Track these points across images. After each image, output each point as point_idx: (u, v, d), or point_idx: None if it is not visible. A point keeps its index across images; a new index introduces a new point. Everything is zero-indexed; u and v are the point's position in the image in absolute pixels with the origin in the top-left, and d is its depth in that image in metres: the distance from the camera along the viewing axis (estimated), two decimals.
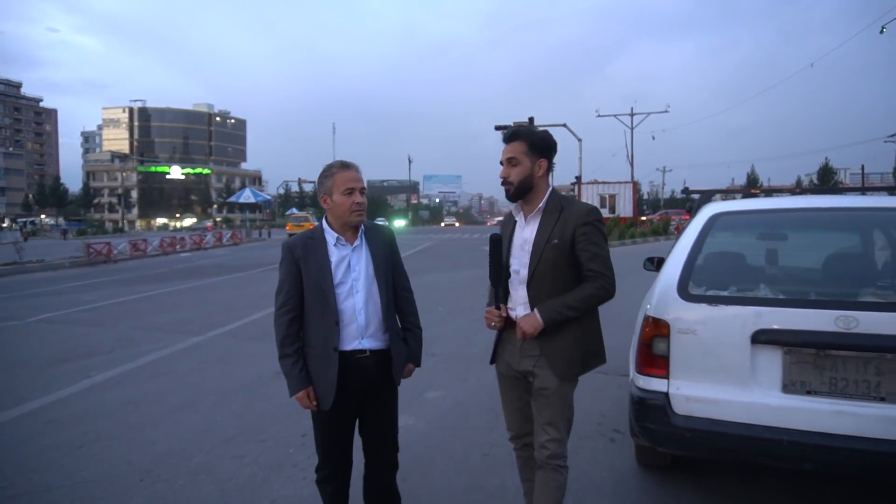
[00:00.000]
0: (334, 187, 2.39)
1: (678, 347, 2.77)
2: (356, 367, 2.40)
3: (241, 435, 4.27)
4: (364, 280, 2.43)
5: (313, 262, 2.40)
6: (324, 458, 2.54)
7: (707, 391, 2.71)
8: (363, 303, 2.42)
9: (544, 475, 2.41)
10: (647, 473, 3.55)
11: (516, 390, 2.59)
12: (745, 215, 3.20)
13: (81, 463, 3.83)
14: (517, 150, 2.44)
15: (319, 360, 2.40)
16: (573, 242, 2.37)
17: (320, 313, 2.39)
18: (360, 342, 2.41)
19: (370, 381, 2.45)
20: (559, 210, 2.43)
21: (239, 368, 6.21)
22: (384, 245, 2.52)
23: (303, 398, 2.41)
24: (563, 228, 2.39)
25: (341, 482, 2.58)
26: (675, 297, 2.80)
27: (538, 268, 2.40)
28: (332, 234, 2.45)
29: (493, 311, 2.50)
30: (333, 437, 2.51)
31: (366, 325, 2.42)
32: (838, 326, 2.50)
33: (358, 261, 2.44)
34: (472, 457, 3.85)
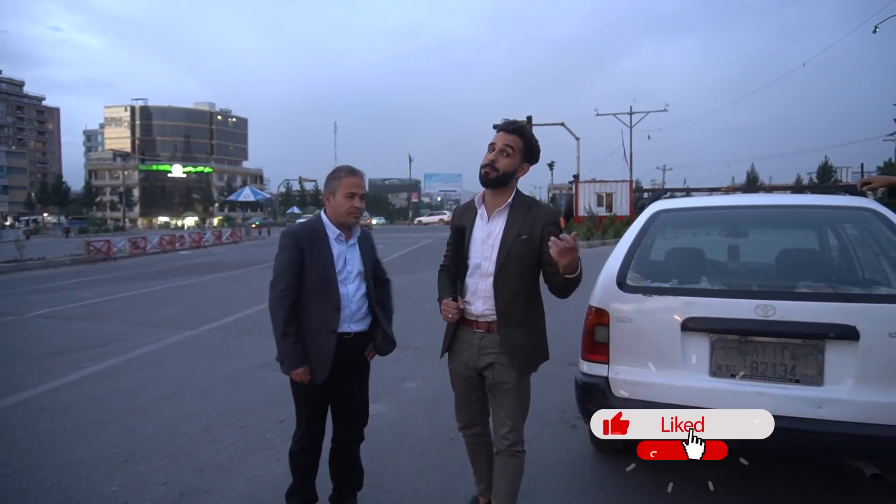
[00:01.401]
0: (339, 189, 2.74)
1: (617, 335, 3.00)
2: (344, 346, 2.76)
3: (223, 421, 4.51)
4: (356, 273, 2.82)
5: (318, 253, 2.74)
6: (304, 427, 2.86)
7: (643, 375, 2.94)
8: (353, 292, 2.79)
9: (504, 460, 2.59)
10: (602, 457, 3.77)
11: (469, 387, 2.68)
12: (684, 212, 3.43)
13: (71, 445, 4.06)
14: (515, 143, 2.48)
15: (316, 340, 2.73)
16: (541, 239, 2.44)
17: (321, 299, 2.73)
18: (349, 326, 2.78)
19: (351, 357, 2.81)
20: (527, 207, 2.52)
21: (227, 361, 6.44)
22: (367, 245, 2.91)
23: (302, 373, 2.73)
24: (532, 225, 2.46)
25: (313, 453, 2.91)
26: (614, 289, 3.03)
27: (506, 262, 2.46)
28: (333, 229, 2.79)
29: (451, 303, 2.53)
30: (318, 409, 2.86)
31: (355, 312, 2.79)
32: (758, 314, 2.72)
33: (352, 256, 2.83)
34: (439, 441, 4.07)
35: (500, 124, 2.59)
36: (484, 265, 2.52)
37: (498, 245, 2.50)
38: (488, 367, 2.57)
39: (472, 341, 2.59)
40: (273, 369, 5.96)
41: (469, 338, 2.60)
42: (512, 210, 2.53)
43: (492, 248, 2.51)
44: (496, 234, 2.52)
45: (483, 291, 2.52)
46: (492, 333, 2.55)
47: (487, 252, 2.52)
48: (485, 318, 2.55)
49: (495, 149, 2.50)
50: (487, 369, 2.58)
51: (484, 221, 2.56)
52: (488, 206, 2.57)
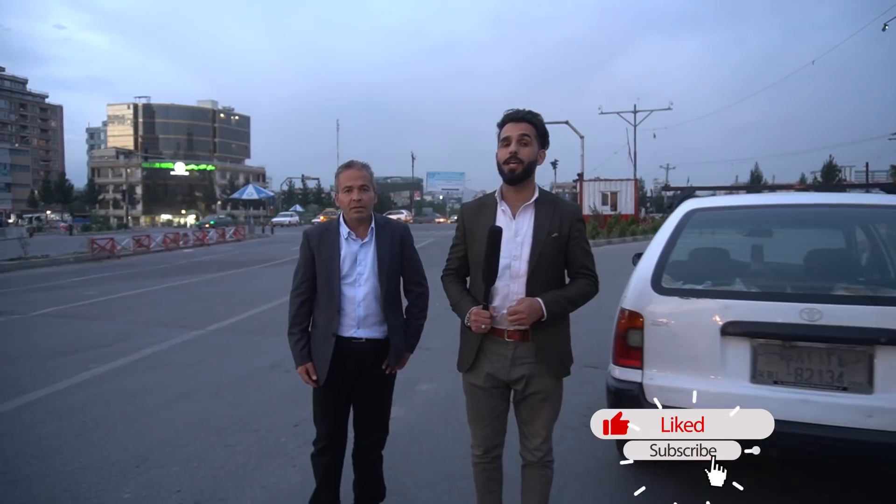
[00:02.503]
0: (338, 186, 2.62)
1: (652, 339, 2.87)
2: (351, 351, 2.62)
3: (235, 425, 4.39)
4: (367, 275, 2.63)
5: (325, 252, 2.62)
6: (319, 429, 2.76)
7: (679, 381, 2.81)
8: (363, 296, 2.62)
9: (535, 472, 2.47)
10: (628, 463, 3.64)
11: (493, 401, 2.47)
12: (720, 211, 3.30)
13: (79, 450, 3.95)
14: (529, 130, 2.33)
15: (320, 341, 2.64)
16: (569, 237, 2.35)
17: (327, 300, 2.62)
18: (357, 331, 2.63)
19: (363, 364, 2.66)
20: (553, 203, 2.39)
21: (235, 361, 6.33)
22: (393, 241, 2.68)
23: (302, 372, 2.67)
24: (560, 222, 2.34)
25: (334, 456, 2.79)
26: (648, 291, 2.90)
27: (539, 261, 2.31)
28: (346, 228, 2.65)
29: (483, 312, 2.30)
30: (328, 412, 2.74)
31: (363, 317, 2.63)
32: (803, 318, 2.59)
33: (365, 256, 2.64)
34: (459, 446, 3.94)
35: (506, 115, 2.39)
36: (514, 266, 2.35)
37: (529, 243, 2.34)
38: (522, 378, 2.41)
39: (502, 352, 2.39)
40: (284, 371, 5.86)
41: (499, 348, 2.40)
42: (539, 206, 2.38)
43: (521, 246, 2.35)
44: (525, 232, 2.36)
45: (515, 295, 2.35)
46: (527, 342, 2.37)
47: (517, 251, 2.34)
48: (518, 327, 2.36)
49: (511, 141, 2.32)
50: (521, 380, 2.41)
51: (508, 218, 2.37)
52: (511, 202, 2.39)
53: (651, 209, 68.49)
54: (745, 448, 2.82)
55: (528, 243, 2.34)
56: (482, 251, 2.34)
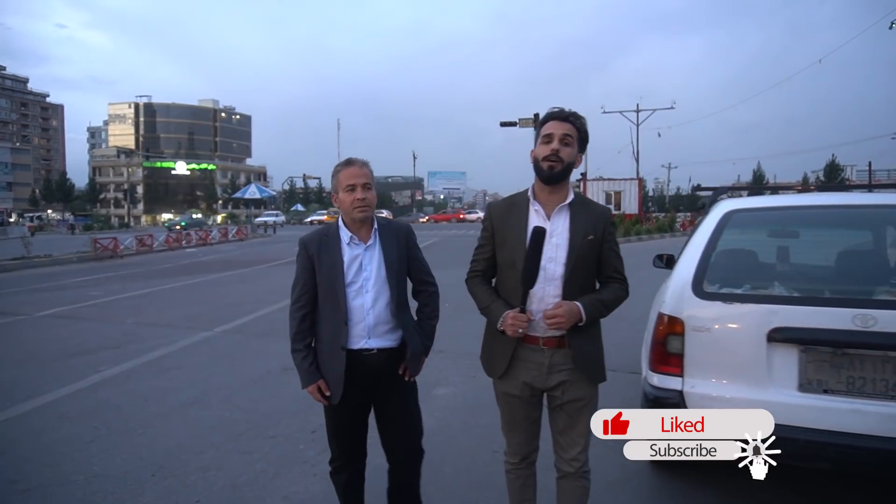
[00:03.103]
0: (339, 185, 2.42)
1: (693, 345, 2.76)
2: (362, 364, 2.42)
3: (251, 431, 4.28)
4: (374, 280, 2.43)
5: (327, 259, 2.42)
6: (335, 448, 2.60)
7: (722, 389, 2.70)
8: (372, 303, 2.42)
9: (572, 484, 2.38)
10: (660, 471, 3.54)
11: (528, 410, 2.41)
12: (760, 212, 3.18)
13: (93, 457, 3.84)
14: (572, 132, 2.26)
15: (328, 357, 2.45)
16: (603, 239, 2.29)
17: (331, 311, 2.43)
18: (367, 341, 2.43)
19: (376, 376, 2.48)
20: (585, 205, 2.34)
21: (246, 364, 6.22)
22: (399, 243, 2.51)
23: (313, 392, 2.47)
24: (595, 224, 2.28)
25: (354, 474, 2.62)
26: (689, 295, 2.79)
27: (576, 264, 2.24)
28: (346, 232, 2.46)
29: (521, 316, 2.22)
30: (343, 429, 2.56)
31: (374, 325, 2.43)
32: (856, 325, 2.48)
33: (370, 260, 2.45)
34: (483, 454, 3.84)
35: (550, 113, 2.31)
36: (550, 268, 2.26)
37: (566, 245, 2.26)
38: (559, 386, 2.32)
39: (538, 359, 2.31)
40: (296, 374, 5.73)
41: (534, 356, 2.31)
42: (573, 208, 2.30)
43: (556, 247, 2.27)
44: (560, 233, 2.28)
45: (551, 299, 2.26)
46: (563, 349, 2.29)
47: (552, 253, 2.26)
48: (554, 333, 2.27)
49: (553, 139, 2.24)
50: (558, 388, 2.33)
51: (542, 219, 2.29)
52: (544, 203, 2.31)
53: (653, 208, 68.32)
54: (790, 461, 2.73)
55: (565, 245, 2.27)
56: (514, 252, 2.29)
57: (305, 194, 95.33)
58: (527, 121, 34.54)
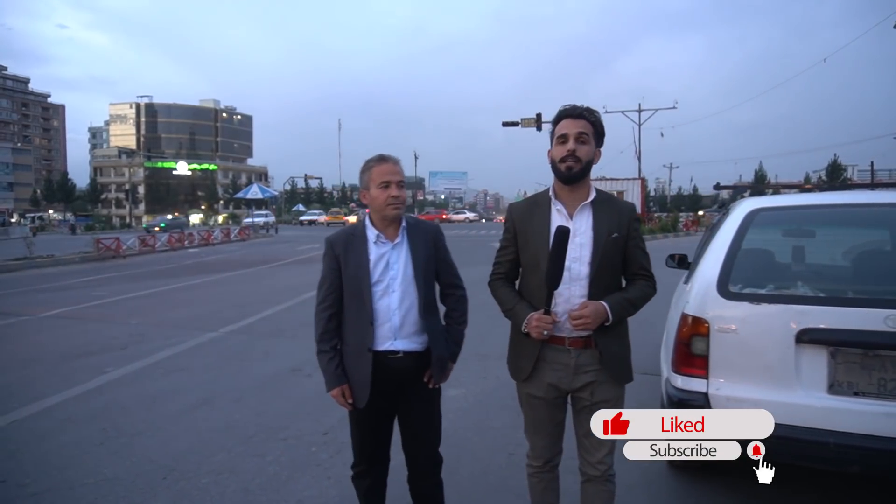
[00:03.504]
0: (371, 181, 2.36)
1: (718, 347, 2.70)
2: (388, 367, 2.36)
3: (262, 433, 4.22)
4: (401, 280, 2.37)
5: (353, 258, 2.37)
6: (358, 453, 2.54)
7: (748, 391, 2.65)
8: (398, 303, 2.36)
9: (597, 487, 2.33)
10: (679, 474, 3.48)
11: (553, 412, 2.37)
12: (783, 211, 3.11)
13: (102, 460, 3.79)
14: (588, 128, 2.21)
15: (354, 359, 2.39)
16: (627, 237, 2.25)
17: (356, 311, 2.37)
18: (393, 343, 2.36)
19: (402, 381, 2.41)
20: (608, 202, 2.29)
21: (254, 365, 6.17)
22: (427, 243, 2.44)
23: (338, 395, 2.41)
24: (619, 222, 2.23)
25: (376, 479, 2.56)
26: (714, 296, 2.73)
27: (601, 263, 2.20)
28: (373, 230, 2.40)
29: (546, 318, 2.18)
30: (366, 434, 2.50)
31: (399, 326, 2.37)
32: (888, 326, 2.42)
33: (397, 259, 2.38)
34: (498, 456, 3.79)
35: (563, 112, 2.27)
36: (575, 268, 2.22)
37: (590, 244, 2.23)
38: (586, 387, 2.28)
39: (564, 360, 2.27)
40: (305, 375, 5.70)
41: (559, 356, 2.28)
42: (596, 205, 2.26)
43: (580, 247, 2.23)
44: (584, 232, 2.24)
45: (576, 299, 2.22)
46: (589, 349, 2.25)
47: (576, 252, 2.22)
48: (581, 333, 2.23)
49: (568, 139, 2.20)
50: (584, 389, 2.29)
51: (564, 218, 2.26)
52: (566, 202, 2.27)
53: (654, 208, 68.20)
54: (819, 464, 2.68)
55: (589, 245, 2.23)
56: (538, 253, 2.26)
57: (307, 194, 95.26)
58: (529, 121, 34.45)
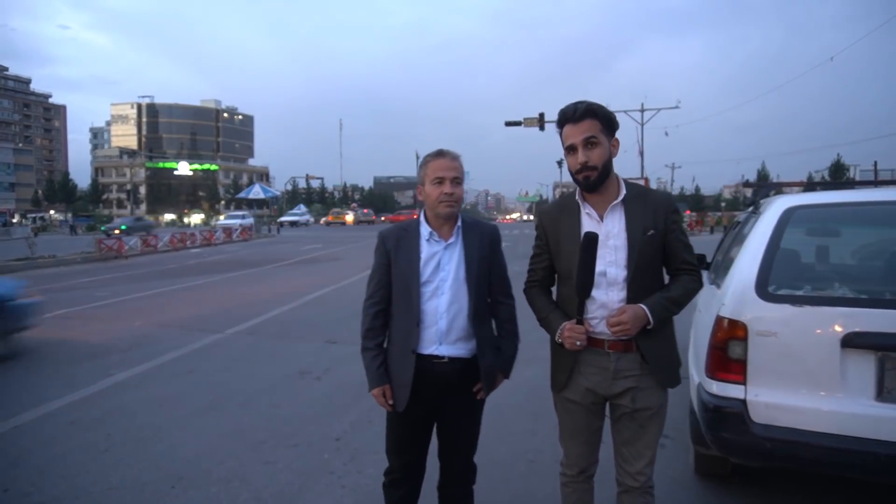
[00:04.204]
0: (426, 177, 2.27)
1: (757, 351, 2.56)
2: (431, 372, 2.25)
3: (272, 439, 4.09)
4: (452, 282, 2.25)
5: (403, 254, 2.27)
6: (394, 459, 2.42)
7: (790, 398, 2.51)
8: (447, 306, 2.24)
9: (636, 499, 2.21)
10: (706, 482, 3.36)
11: (590, 419, 2.26)
12: (822, 209, 2.96)
13: (108, 467, 3.66)
14: (595, 129, 2.07)
15: (397, 360, 2.29)
16: (665, 231, 2.12)
17: (404, 310, 2.27)
18: (438, 348, 2.25)
19: (445, 388, 2.29)
20: (642, 196, 2.16)
21: (262, 368, 6.04)
22: (483, 245, 2.31)
23: (378, 395, 2.31)
24: (655, 217, 2.10)
25: (410, 490, 2.43)
26: (752, 298, 2.59)
27: (637, 265, 2.08)
28: (427, 227, 2.29)
29: (577, 328, 2.08)
30: (404, 439, 2.39)
31: (446, 331, 2.25)
32: None
33: (449, 260, 2.27)
34: (519, 463, 3.66)
35: (563, 116, 2.12)
36: (611, 272, 2.11)
37: (624, 246, 2.11)
38: (626, 393, 2.16)
39: (603, 364, 2.16)
40: (314, 378, 5.57)
41: (598, 360, 2.16)
42: (628, 203, 2.13)
43: (615, 249, 2.11)
44: (617, 234, 2.12)
45: (615, 304, 2.10)
46: (630, 353, 2.13)
47: (611, 256, 2.11)
48: (620, 336, 2.11)
49: (578, 147, 2.07)
50: (624, 395, 2.16)
51: (595, 221, 2.14)
52: (595, 204, 2.16)
53: None
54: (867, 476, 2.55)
55: (624, 246, 2.11)
56: (571, 261, 2.14)
57: (308, 194, 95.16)
58: (532, 120, 34.25)
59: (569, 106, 2.11)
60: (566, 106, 2.12)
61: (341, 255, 20.46)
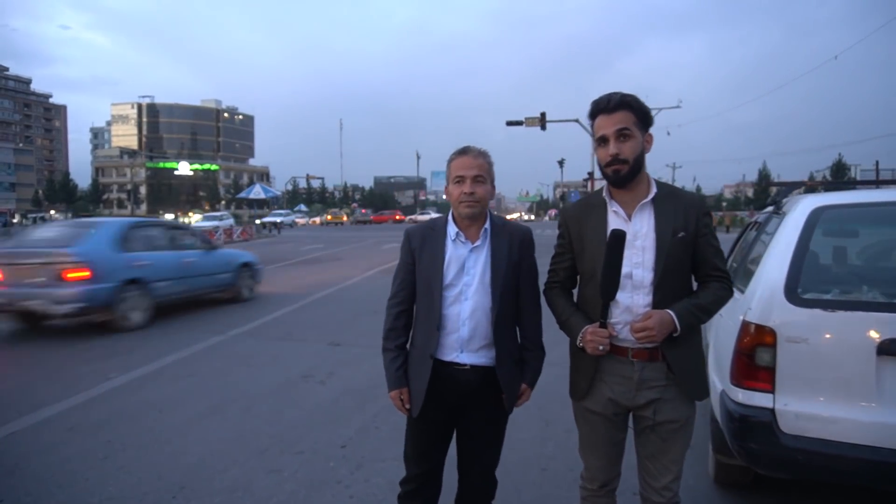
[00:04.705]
0: (449, 176, 2.16)
1: (786, 358, 2.45)
2: (451, 379, 2.15)
3: (275, 446, 3.98)
4: (476, 287, 2.14)
5: (427, 254, 2.17)
6: (413, 467, 2.31)
7: (821, 408, 2.40)
8: (469, 313, 2.13)
9: None
10: (726, 492, 3.25)
11: (610, 431, 2.15)
12: (851, 209, 2.84)
13: (108, 476, 3.54)
14: (629, 121, 1.96)
15: (417, 364, 2.20)
16: (696, 235, 2.01)
17: (425, 313, 2.18)
18: (459, 355, 2.15)
19: (467, 396, 2.18)
20: (673, 197, 2.04)
21: (263, 371, 5.91)
22: (512, 249, 2.18)
23: (395, 398, 2.23)
24: (686, 219, 1.99)
25: (426, 501, 2.32)
26: (781, 302, 2.48)
27: (666, 268, 1.97)
28: (454, 227, 2.18)
29: (601, 331, 1.98)
30: (421, 447, 2.29)
31: (468, 338, 2.14)
32: None
33: (475, 264, 2.15)
34: (531, 471, 3.54)
35: (596, 107, 2.01)
36: (637, 274, 2.00)
37: (653, 247, 1.99)
38: (649, 405, 2.05)
39: (626, 373, 2.04)
40: (317, 382, 5.45)
41: (621, 369, 2.05)
42: (658, 202, 2.02)
43: (642, 251, 2.00)
44: (645, 234, 2.01)
45: (640, 308, 1.99)
46: (655, 362, 2.02)
47: (638, 257, 2.00)
48: (646, 344, 2.01)
49: (609, 140, 1.97)
50: (648, 406, 2.05)
51: (622, 220, 2.03)
52: (623, 202, 2.05)
53: None
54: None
55: (652, 247, 2.00)
56: (595, 261, 2.02)
57: (308, 194, 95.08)
58: (533, 120, 34.08)
59: (603, 96, 2.02)
60: (600, 96, 2.02)
61: (343, 256, 20.33)
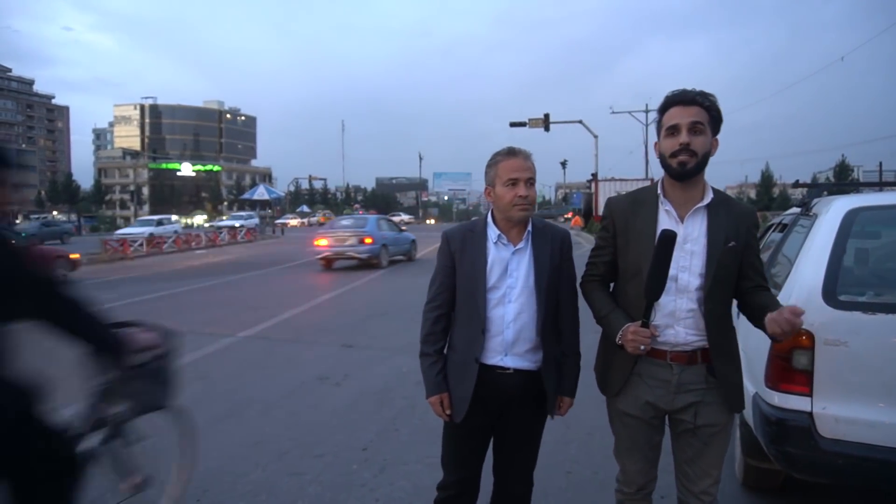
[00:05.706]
0: (497, 177, 2.11)
1: (825, 361, 2.42)
2: (494, 383, 2.11)
3: (296, 449, 3.95)
4: (521, 290, 2.11)
5: (468, 258, 2.13)
6: (452, 472, 2.27)
7: (861, 412, 2.37)
8: (514, 315, 2.10)
9: None
10: (753, 495, 3.21)
11: (648, 434, 2.11)
12: (889, 211, 2.80)
13: None
14: (703, 117, 1.93)
15: (458, 368, 2.15)
16: (745, 245, 1.98)
17: (467, 317, 2.13)
18: (503, 359, 2.11)
19: (508, 401, 2.15)
20: (726, 205, 2.01)
21: (278, 374, 5.89)
22: (553, 250, 2.15)
23: (436, 404, 2.18)
24: (738, 229, 1.97)
25: None
26: (819, 304, 2.44)
27: (716, 275, 1.94)
28: (495, 230, 2.14)
29: (643, 331, 1.93)
30: (462, 452, 2.25)
31: (513, 342, 2.11)
32: None
33: (518, 266, 2.12)
34: (556, 475, 3.51)
35: (671, 98, 1.97)
36: (682, 278, 1.97)
37: (702, 253, 1.96)
38: (689, 408, 2.02)
39: (664, 377, 2.01)
40: (333, 384, 5.42)
41: (659, 372, 2.02)
42: (711, 208, 1.98)
43: (691, 255, 1.97)
44: (696, 239, 1.97)
45: (683, 313, 1.97)
46: (694, 365, 2.00)
47: (685, 261, 1.97)
48: (685, 348, 1.99)
49: (680, 129, 1.92)
50: (687, 410, 2.03)
51: (674, 221, 1.99)
52: (676, 202, 2.00)
53: None
54: None
55: (701, 253, 1.97)
56: (641, 258, 1.99)
57: (311, 195, 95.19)
58: (537, 121, 34.08)
59: (679, 89, 1.99)
60: (675, 90, 1.99)
61: None
